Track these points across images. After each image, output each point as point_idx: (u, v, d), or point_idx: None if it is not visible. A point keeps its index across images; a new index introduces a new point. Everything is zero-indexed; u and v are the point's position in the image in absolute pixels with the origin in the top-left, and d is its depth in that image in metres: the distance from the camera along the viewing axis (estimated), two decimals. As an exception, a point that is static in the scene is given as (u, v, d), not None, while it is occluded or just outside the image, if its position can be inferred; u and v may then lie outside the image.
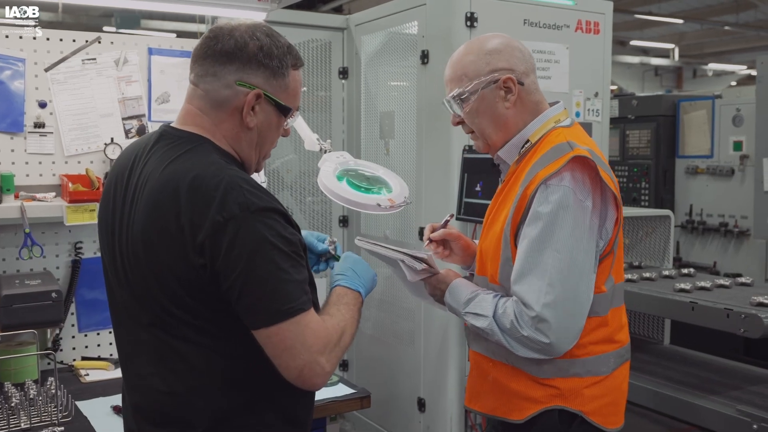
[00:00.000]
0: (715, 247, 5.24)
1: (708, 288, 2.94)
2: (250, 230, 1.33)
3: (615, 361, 1.77)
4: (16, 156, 2.58)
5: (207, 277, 1.36)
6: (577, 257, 1.63)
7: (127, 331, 1.53)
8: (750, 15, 15.18)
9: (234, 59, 1.44)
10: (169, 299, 1.40)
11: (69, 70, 2.66)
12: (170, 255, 1.37)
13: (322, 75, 3.80)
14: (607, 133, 3.55)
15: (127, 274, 1.46)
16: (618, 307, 1.80)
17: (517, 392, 1.75)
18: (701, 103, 5.31)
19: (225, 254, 1.33)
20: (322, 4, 11.75)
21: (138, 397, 1.53)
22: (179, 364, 1.43)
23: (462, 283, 1.83)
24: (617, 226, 1.72)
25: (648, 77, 19.94)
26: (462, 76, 1.78)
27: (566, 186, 1.63)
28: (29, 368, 2.39)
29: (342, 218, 3.85)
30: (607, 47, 3.46)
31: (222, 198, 1.33)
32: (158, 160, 1.45)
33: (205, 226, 1.33)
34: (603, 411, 1.75)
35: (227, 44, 1.45)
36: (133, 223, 1.44)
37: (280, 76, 1.49)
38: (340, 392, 2.27)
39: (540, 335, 1.62)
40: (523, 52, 1.81)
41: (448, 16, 3.08)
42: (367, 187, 2.13)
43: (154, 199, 1.40)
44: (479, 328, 1.73)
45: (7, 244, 2.59)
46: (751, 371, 3.11)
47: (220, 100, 1.46)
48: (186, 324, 1.41)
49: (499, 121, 1.79)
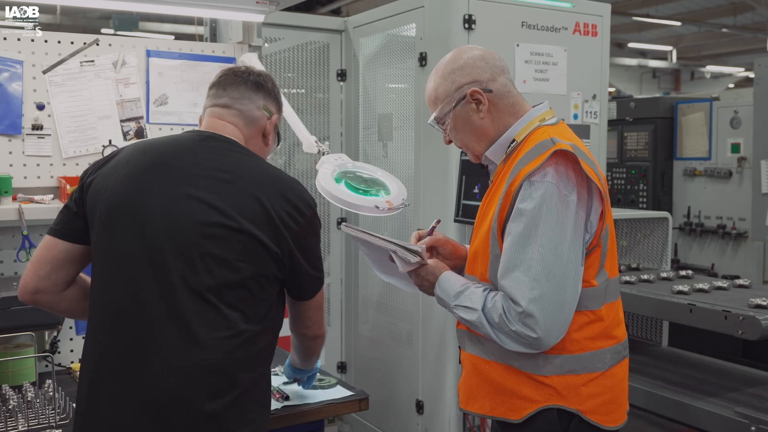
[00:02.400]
0: (713, 249, 5.25)
1: (706, 290, 2.95)
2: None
3: (612, 357, 1.78)
4: (13, 158, 2.58)
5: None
6: (562, 251, 1.65)
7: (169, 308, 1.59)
8: (747, 17, 15.22)
9: (261, 89, 1.84)
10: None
11: (67, 72, 2.66)
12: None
13: (320, 77, 3.81)
14: (605, 135, 3.55)
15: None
16: (613, 302, 1.81)
17: (514, 392, 1.75)
18: (699, 106, 5.32)
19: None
20: (320, 6, 11.76)
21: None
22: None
23: (452, 276, 1.84)
24: (602, 219, 1.73)
25: (646, 79, 19.97)
26: (435, 100, 1.87)
27: (549, 182, 1.65)
28: (27, 371, 2.38)
29: (340, 220, 3.85)
30: (604, 49, 3.46)
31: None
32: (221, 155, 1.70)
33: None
34: (601, 409, 1.75)
35: (256, 78, 1.84)
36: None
37: (280, 111, 1.91)
38: (338, 394, 2.27)
39: (528, 330, 1.63)
40: (486, 59, 1.83)
41: (446, 18, 3.08)
42: (365, 190, 2.13)
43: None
44: (468, 321, 1.75)
45: (4, 246, 2.59)
46: (749, 373, 3.11)
47: (253, 119, 1.82)
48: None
49: (478, 133, 1.84)
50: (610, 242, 1.80)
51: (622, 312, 1.87)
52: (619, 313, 1.84)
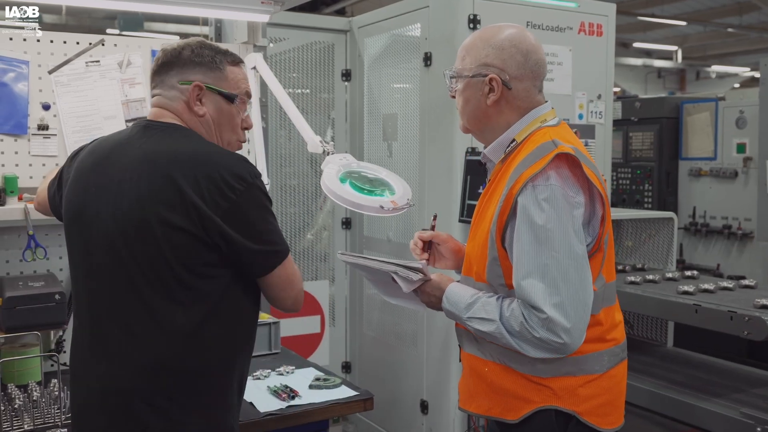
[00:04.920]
0: (719, 250, 5.23)
1: (711, 290, 2.94)
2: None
3: (609, 359, 1.78)
4: (20, 158, 2.59)
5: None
6: (577, 253, 1.64)
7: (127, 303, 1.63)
8: (753, 17, 15.16)
9: (172, 67, 1.74)
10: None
11: (73, 72, 2.67)
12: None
13: (325, 77, 3.81)
14: (610, 135, 3.54)
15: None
16: (610, 306, 1.80)
17: (511, 392, 1.75)
18: (704, 105, 5.30)
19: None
20: (325, 6, 11.76)
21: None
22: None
23: (459, 288, 1.81)
24: (603, 223, 1.72)
25: (651, 79, 19.91)
26: (465, 56, 1.83)
27: (553, 185, 1.64)
28: (33, 370, 2.39)
29: (345, 220, 3.86)
30: (610, 49, 3.46)
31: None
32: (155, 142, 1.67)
33: None
34: (598, 411, 1.75)
35: (166, 58, 1.75)
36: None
37: (216, 69, 1.76)
38: (342, 394, 2.27)
39: (553, 336, 1.61)
40: (528, 57, 1.78)
41: (450, 18, 3.08)
42: (370, 189, 2.13)
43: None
44: (485, 332, 1.71)
45: (10, 246, 2.60)
46: (755, 374, 3.10)
47: (175, 97, 1.74)
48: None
49: (477, 113, 1.82)
50: (609, 247, 1.79)
51: (619, 314, 1.86)
52: (616, 316, 1.84)
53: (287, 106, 2.53)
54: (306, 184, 3.79)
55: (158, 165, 1.61)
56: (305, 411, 2.15)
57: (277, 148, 3.69)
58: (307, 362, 2.64)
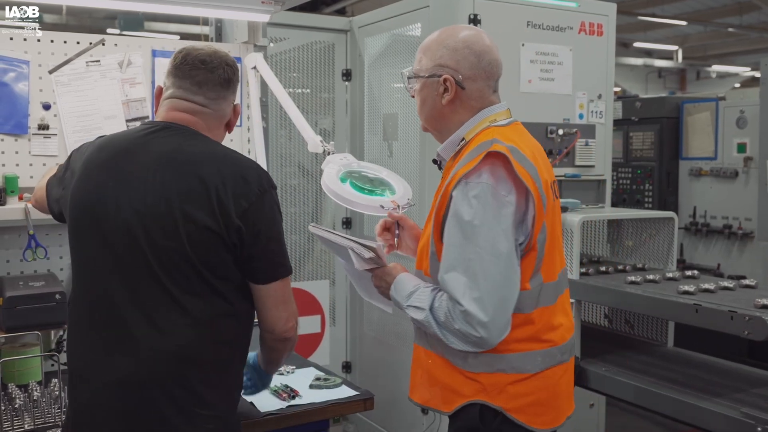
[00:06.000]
0: (719, 249, 5.23)
1: (712, 290, 2.93)
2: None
3: (544, 360, 1.79)
4: (20, 158, 2.59)
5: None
6: (501, 251, 1.66)
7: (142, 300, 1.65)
8: (754, 17, 15.16)
9: (231, 85, 1.83)
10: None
11: (73, 72, 2.67)
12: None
13: (325, 77, 3.81)
14: (610, 135, 3.55)
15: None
16: (546, 306, 1.81)
17: (447, 385, 1.79)
18: (705, 105, 5.30)
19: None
20: (325, 6, 11.76)
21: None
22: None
23: (407, 277, 1.85)
24: (535, 222, 1.73)
25: (651, 79, 19.91)
26: (421, 57, 1.87)
27: (484, 182, 1.67)
28: (33, 370, 2.39)
29: (345, 220, 3.86)
30: (610, 49, 3.46)
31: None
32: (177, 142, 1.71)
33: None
34: (528, 410, 1.76)
35: (227, 73, 1.81)
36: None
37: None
38: (343, 394, 2.27)
39: (471, 329, 1.65)
40: (481, 58, 1.81)
41: (451, 18, 3.08)
42: (371, 189, 2.14)
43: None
44: (418, 321, 1.76)
45: (11, 246, 2.60)
46: (756, 374, 3.10)
47: (225, 115, 1.84)
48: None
49: (434, 112, 1.87)
50: (549, 246, 1.79)
51: (562, 317, 1.87)
52: (556, 318, 1.84)
53: (287, 105, 2.53)
54: (306, 183, 3.79)
55: (185, 164, 1.66)
56: (305, 411, 2.15)
57: (277, 148, 3.69)
58: (307, 362, 2.64)
